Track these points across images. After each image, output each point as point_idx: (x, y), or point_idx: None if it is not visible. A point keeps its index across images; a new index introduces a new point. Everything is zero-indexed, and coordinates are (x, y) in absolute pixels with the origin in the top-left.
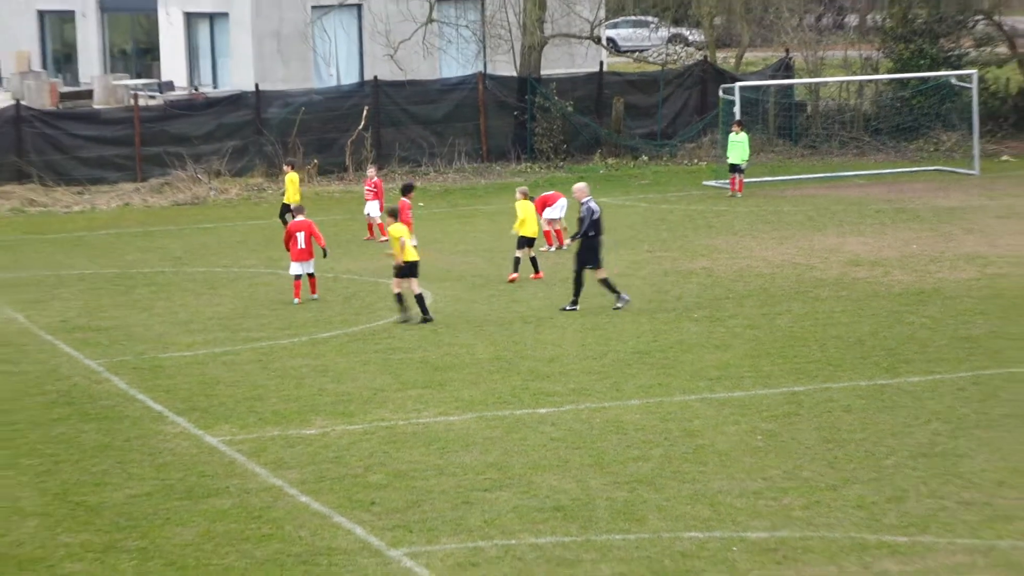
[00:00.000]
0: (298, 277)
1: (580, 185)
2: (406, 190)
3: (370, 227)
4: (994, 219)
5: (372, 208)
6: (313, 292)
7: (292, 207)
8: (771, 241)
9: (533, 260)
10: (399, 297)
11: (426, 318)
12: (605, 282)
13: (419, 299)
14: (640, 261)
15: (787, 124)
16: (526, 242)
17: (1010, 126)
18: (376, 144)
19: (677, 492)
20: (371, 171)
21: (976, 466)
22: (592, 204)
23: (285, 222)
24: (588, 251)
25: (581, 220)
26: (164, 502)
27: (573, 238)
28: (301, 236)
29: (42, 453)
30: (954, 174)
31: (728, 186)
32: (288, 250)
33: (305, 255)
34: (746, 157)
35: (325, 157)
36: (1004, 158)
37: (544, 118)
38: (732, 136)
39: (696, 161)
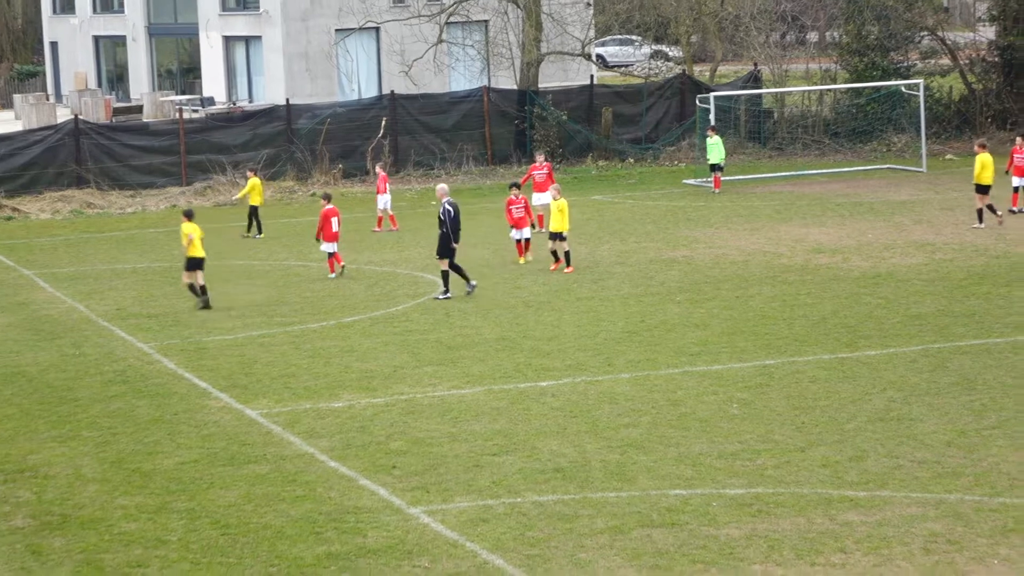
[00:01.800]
0: (331, 255)
1: (442, 186)
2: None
3: (379, 220)
4: (940, 211)
5: (383, 200)
6: (339, 262)
7: (323, 195)
8: (744, 232)
9: (566, 253)
10: (191, 287)
11: (205, 306)
12: (444, 273)
13: (203, 289)
14: (628, 251)
15: (756, 129)
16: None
17: (953, 128)
18: (394, 150)
19: (663, 454)
20: (378, 168)
21: (927, 429)
22: (448, 204)
23: (252, 223)
24: (442, 244)
25: (440, 219)
26: (209, 468)
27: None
28: (335, 220)
29: (101, 426)
30: (904, 171)
31: (711, 184)
32: (320, 235)
33: (337, 236)
34: (723, 157)
35: (348, 162)
36: (948, 157)
37: (541, 126)
38: (708, 140)
39: (676, 163)
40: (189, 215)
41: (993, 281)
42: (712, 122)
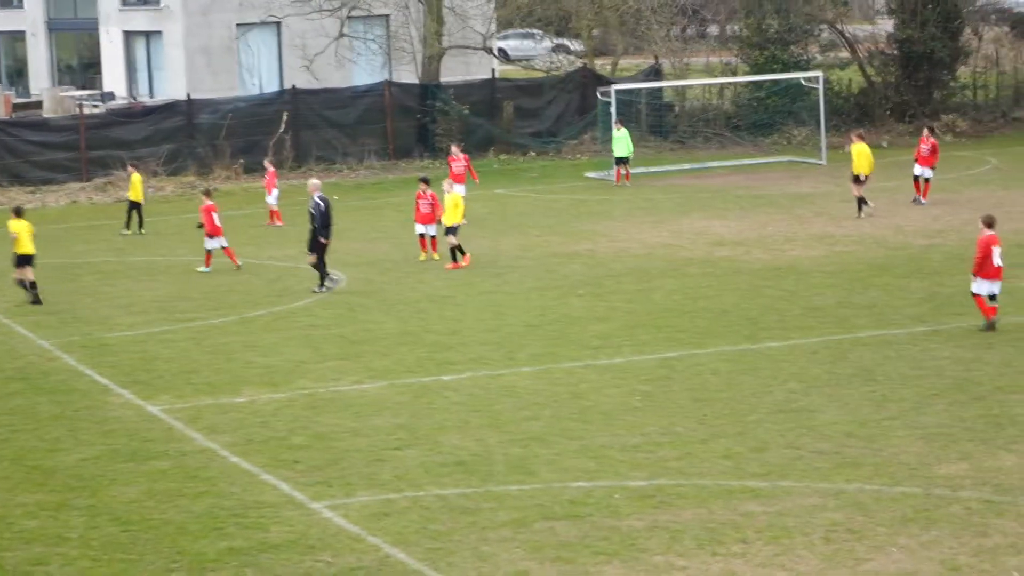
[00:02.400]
0: (209, 251)
1: (313, 181)
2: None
3: (272, 214)
4: (840, 203)
5: (271, 196)
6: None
7: (203, 191)
8: (645, 225)
9: (458, 248)
10: (21, 283)
11: (35, 300)
12: (315, 265)
13: (32, 284)
14: (529, 245)
15: (658, 122)
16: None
17: (853, 121)
18: (295, 145)
19: (565, 447)
20: (266, 163)
21: (827, 420)
22: (318, 198)
23: (131, 218)
24: (312, 238)
25: (311, 214)
26: (111, 464)
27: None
28: (215, 216)
29: (0, 423)
30: (804, 164)
31: (613, 177)
32: (207, 228)
33: (220, 231)
34: (631, 150)
35: (250, 157)
36: (847, 149)
37: (443, 120)
38: (614, 133)
39: (578, 156)
40: (18, 212)
41: (892, 273)
42: (614, 116)
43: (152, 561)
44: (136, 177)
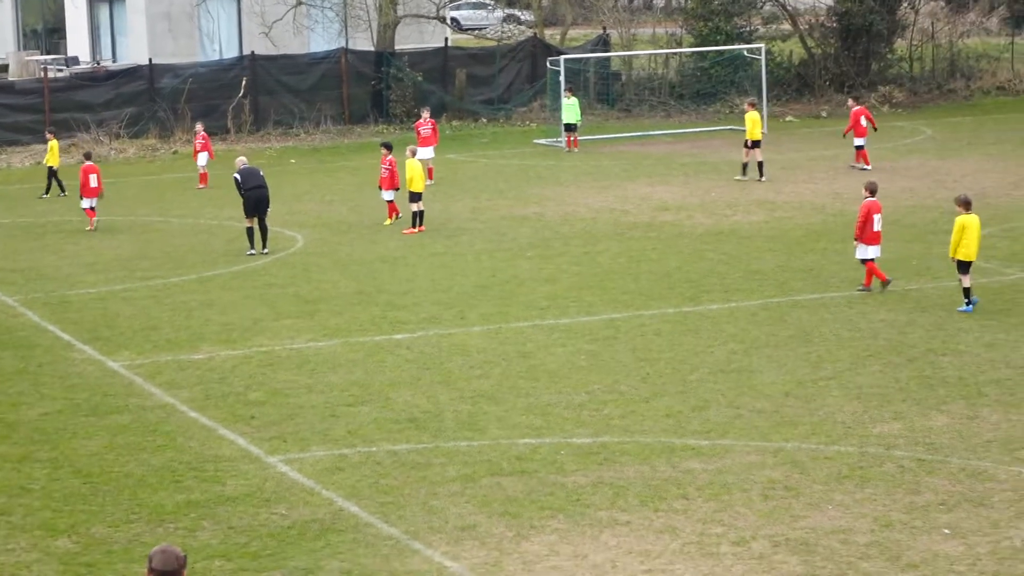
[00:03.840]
0: (93, 209)
1: (239, 159)
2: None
3: (202, 177)
4: (780, 170)
5: (202, 159)
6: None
7: (84, 153)
8: (592, 190)
9: (419, 213)
10: None
11: None
12: (248, 230)
13: None
14: (480, 208)
15: (605, 91)
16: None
17: (793, 91)
18: (254, 110)
19: (513, 405)
20: (198, 127)
21: (766, 380)
22: (237, 175)
23: (51, 184)
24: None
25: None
26: (72, 418)
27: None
28: (93, 177)
29: None
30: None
31: (564, 144)
32: (83, 190)
33: (96, 192)
34: (579, 117)
35: (210, 121)
36: (788, 119)
37: (397, 87)
38: (564, 101)
39: (528, 123)
40: None
41: (830, 238)
42: (563, 84)
43: (112, 512)
44: (54, 143)
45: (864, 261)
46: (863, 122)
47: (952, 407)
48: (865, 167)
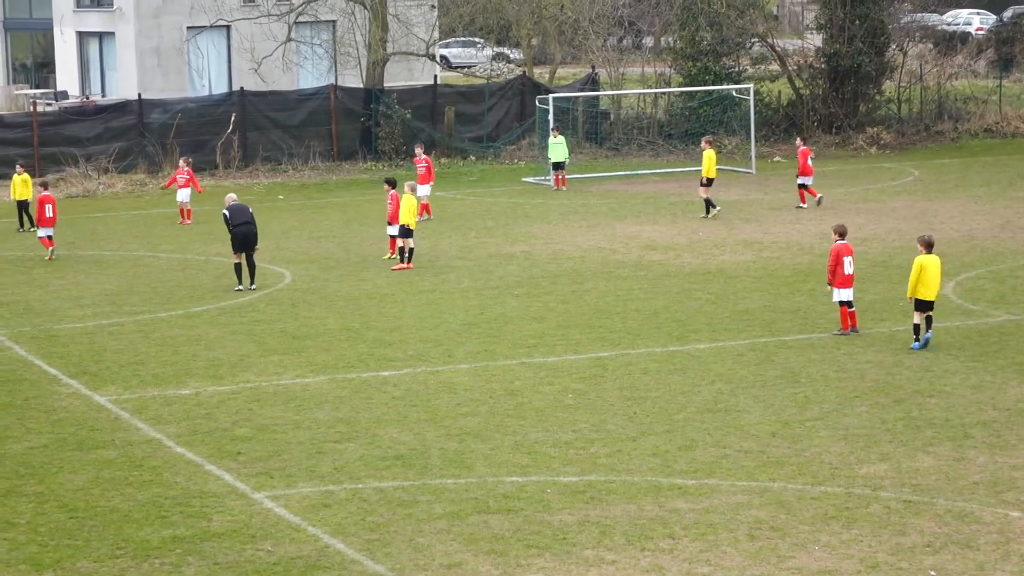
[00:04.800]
0: (50, 238)
1: (228, 195)
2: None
3: (182, 212)
4: (768, 210)
5: (183, 195)
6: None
7: (40, 183)
8: (580, 229)
9: (409, 251)
10: None
11: None
12: (236, 266)
13: None
14: (468, 246)
15: (593, 129)
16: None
17: (781, 132)
18: (242, 146)
19: (500, 443)
20: (181, 163)
21: (753, 420)
22: (226, 211)
23: (25, 219)
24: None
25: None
26: (58, 453)
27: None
28: (49, 207)
29: None
30: (734, 172)
31: (552, 182)
32: (40, 220)
33: (52, 222)
34: (567, 156)
35: (199, 156)
36: (776, 159)
37: (386, 124)
38: (551, 139)
39: (517, 161)
40: None
41: (817, 278)
42: (552, 123)
43: (98, 547)
44: (25, 177)
45: (842, 303)
46: (809, 161)
47: (939, 449)
48: (801, 205)
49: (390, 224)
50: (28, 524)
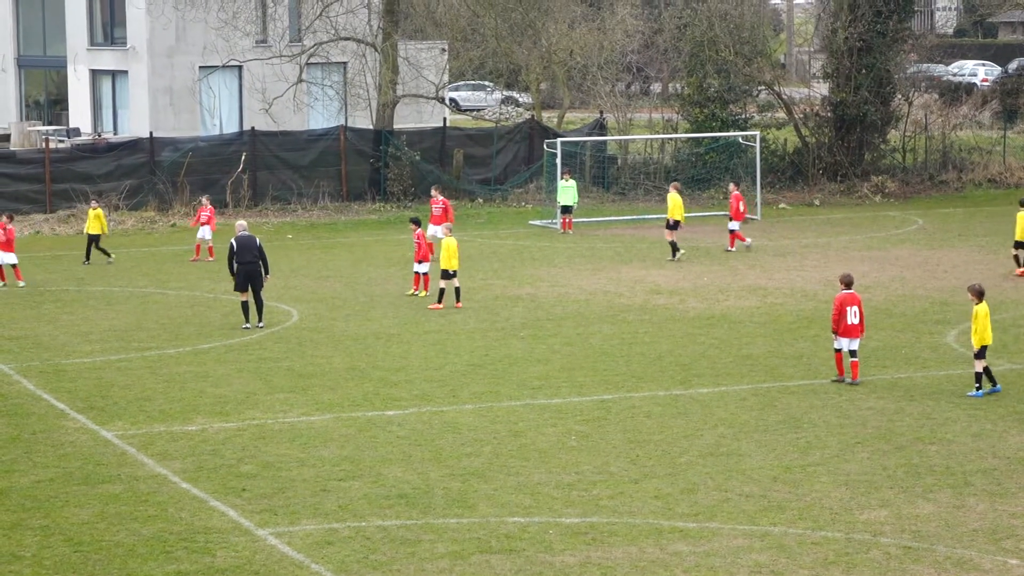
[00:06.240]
0: (14, 265)
1: (239, 223)
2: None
3: (197, 248)
4: (772, 257)
5: (204, 231)
6: (19, 278)
7: (6, 215)
8: (586, 272)
9: (456, 290)
10: None
11: None
12: (243, 304)
13: None
14: (475, 288)
15: (601, 174)
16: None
17: (787, 179)
18: (252, 185)
19: (503, 483)
20: (205, 200)
21: (755, 464)
22: (233, 241)
23: (91, 251)
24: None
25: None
26: (64, 487)
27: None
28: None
29: None
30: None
31: (559, 226)
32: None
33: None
34: (576, 200)
35: (209, 195)
36: (781, 206)
37: (395, 165)
38: (561, 183)
39: (524, 204)
40: None
41: (821, 325)
42: (560, 167)
43: None
44: (99, 212)
45: (838, 350)
46: (742, 207)
47: (939, 495)
48: (730, 249)
49: (418, 263)
50: (33, 557)
